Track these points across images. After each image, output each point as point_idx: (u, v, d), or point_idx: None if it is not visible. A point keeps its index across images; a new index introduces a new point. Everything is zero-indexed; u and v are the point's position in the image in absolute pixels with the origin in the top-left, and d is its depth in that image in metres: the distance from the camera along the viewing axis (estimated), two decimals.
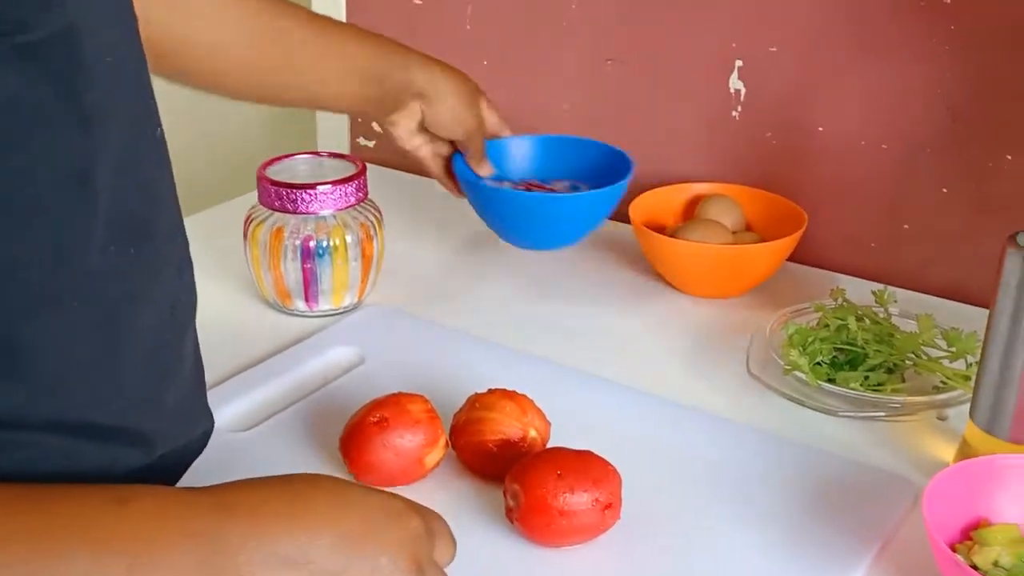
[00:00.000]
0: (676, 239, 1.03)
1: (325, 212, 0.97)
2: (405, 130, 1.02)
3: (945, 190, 1.06)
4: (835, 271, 1.11)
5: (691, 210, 1.12)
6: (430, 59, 1.01)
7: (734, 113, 1.14)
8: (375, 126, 1.37)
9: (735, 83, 1.13)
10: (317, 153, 1.03)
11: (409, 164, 1.24)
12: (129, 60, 0.58)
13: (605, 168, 1.08)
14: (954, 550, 0.69)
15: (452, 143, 1.06)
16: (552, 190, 1.10)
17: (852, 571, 0.71)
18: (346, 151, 1.39)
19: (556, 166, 1.12)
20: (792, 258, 1.13)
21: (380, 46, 0.99)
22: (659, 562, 0.72)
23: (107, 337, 0.56)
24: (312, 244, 0.97)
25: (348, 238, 0.98)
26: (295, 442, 0.82)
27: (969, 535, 0.70)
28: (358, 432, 0.76)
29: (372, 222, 1.00)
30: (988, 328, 0.77)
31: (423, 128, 1.03)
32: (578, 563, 0.72)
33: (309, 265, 0.97)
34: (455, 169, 1.07)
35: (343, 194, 0.97)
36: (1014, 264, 0.74)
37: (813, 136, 1.10)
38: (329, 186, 0.96)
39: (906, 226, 1.09)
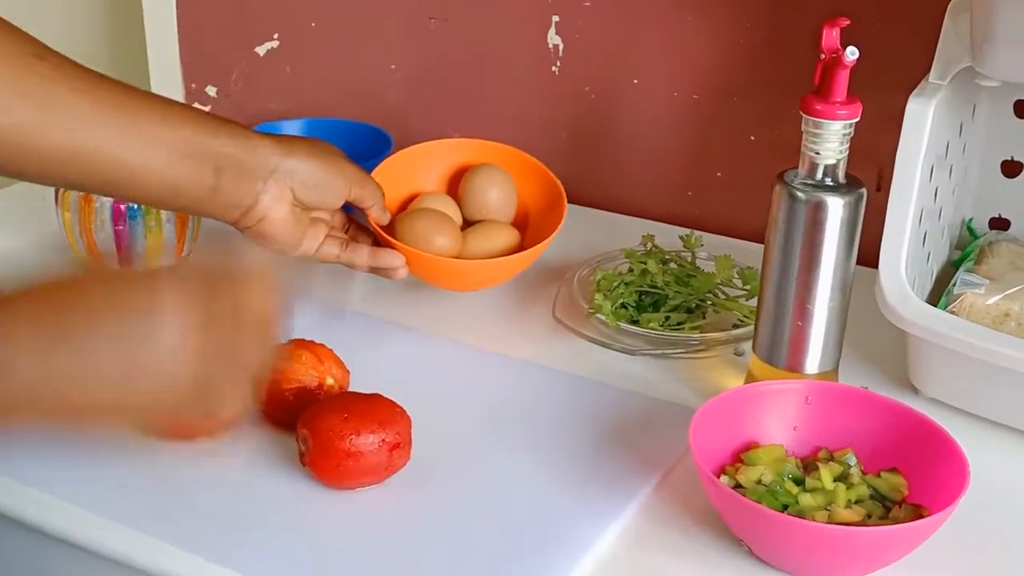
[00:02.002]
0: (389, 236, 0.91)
1: None
2: (280, 222, 0.84)
3: (752, 137, 1.10)
4: (654, 220, 1.14)
5: (456, 180, 1.01)
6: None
7: (554, 68, 1.16)
8: (209, 91, 1.36)
9: (553, 38, 1.15)
10: None
11: None
12: None
13: (369, 147, 1.12)
14: (724, 471, 0.73)
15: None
16: None
17: (631, 499, 0.74)
18: None
19: None
20: (614, 208, 1.16)
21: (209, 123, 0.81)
22: (448, 500, 0.74)
23: None
24: (123, 206, 0.96)
25: None
26: None
27: (740, 457, 0.74)
28: None
29: None
30: (763, 263, 0.80)
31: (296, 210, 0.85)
32: (369, 504, 0.74)
33: (121, 227, 0.97)
34: None
35: None
36: (781, 200, 0.78)
37: (629, 88, 1.13)
38: None
39: (719, 174, 1.13)
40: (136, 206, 0.97)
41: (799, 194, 0.77)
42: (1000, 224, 0.98)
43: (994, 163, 0.96)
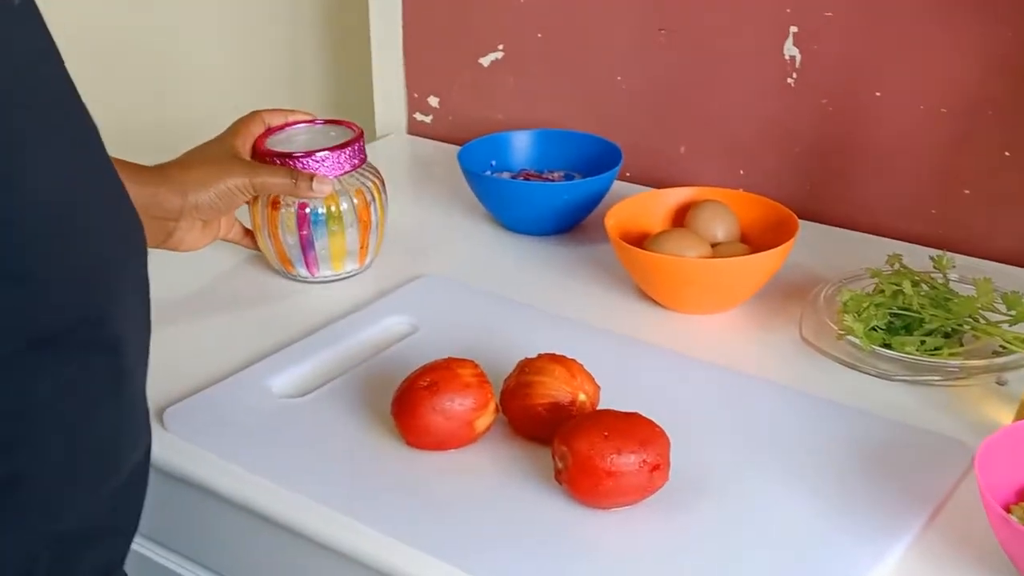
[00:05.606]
0: (645, 250, 0.95)
1: None
2: (195, 241, 0.97)
3: (1007, 153, 1.04)
4: (894, 238, 1.09)
5: (681, 217, 1.04)
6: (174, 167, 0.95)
7: (789, 80, 1.12)
8: (431, 100, 1.37)
9: (790, 49, 1.11)
10: (313, 121, 1.03)
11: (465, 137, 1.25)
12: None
13: (599, 159, 1.14)
14: (1009, 511, 0.68)
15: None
16: (547, 179, 1.16)
17: (903, 534, 0.71)
18: (403, 126, 1.40)
19: (553, 158, 1.19)
20: (850, 226, 1.12)
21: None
22: (707, 524, 0.72)
23: None
24: (307, 211, 0.97)
25: (343, 205, 0.98)
26: (348, 407, 0.83)
27: None
28: (408, 396, 0.77)
29: (369, 188, 1.00)
30: None
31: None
32: (626, 524, 0.72)
33: (305, 232, 0.98)
34: (461, 162, 1.12)
35: (336, 161, 0.98)
36: None
37: (870, 101, 1.09)
38: (325, 152, 0.97)
39: (967, 191, 1.07)
40: (320, 211, 0.98)
41: None
42: None
43: None
